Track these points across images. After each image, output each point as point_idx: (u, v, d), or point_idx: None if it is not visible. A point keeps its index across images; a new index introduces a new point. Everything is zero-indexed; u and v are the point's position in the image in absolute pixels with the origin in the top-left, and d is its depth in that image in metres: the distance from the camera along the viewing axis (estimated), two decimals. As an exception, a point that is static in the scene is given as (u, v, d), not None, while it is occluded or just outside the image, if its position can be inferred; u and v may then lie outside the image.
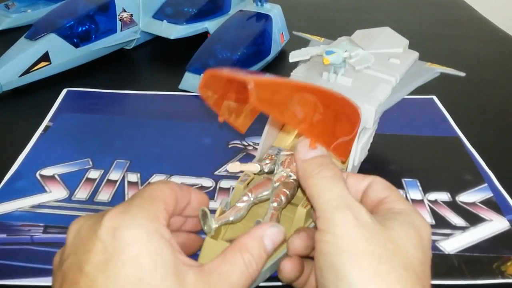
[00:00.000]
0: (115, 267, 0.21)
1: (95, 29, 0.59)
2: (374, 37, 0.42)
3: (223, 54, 0.56)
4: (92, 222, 0.23)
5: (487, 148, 0.47)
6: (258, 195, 0.31)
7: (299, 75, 0.38)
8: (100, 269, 0.21)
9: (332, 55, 0.34)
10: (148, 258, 0.21)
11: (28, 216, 0.37)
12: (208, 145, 0.47)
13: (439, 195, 0.41)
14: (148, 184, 0.26)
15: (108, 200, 0.39)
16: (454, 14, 0.85)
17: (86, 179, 0.41)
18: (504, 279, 0.33)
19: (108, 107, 0.53)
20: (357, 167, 0.37)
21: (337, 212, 0.24)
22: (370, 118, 0.35)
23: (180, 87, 0.56)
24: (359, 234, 0.24)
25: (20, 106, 0.53)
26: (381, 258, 0.23)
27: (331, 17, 0.81)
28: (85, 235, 0.23)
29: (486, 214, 0.39)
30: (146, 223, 0.22)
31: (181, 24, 0.63)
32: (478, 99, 0.57)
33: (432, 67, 0.42)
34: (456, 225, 0.38)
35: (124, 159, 0.44)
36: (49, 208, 0.38)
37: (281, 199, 0.30)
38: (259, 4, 0.62)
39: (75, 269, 0.22)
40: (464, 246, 0.36)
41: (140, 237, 0.22)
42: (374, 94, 0.35)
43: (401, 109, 0.52)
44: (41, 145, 0.46)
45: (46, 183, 0.41)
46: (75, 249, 0.23)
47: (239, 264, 0.24)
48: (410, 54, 0.41)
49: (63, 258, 0.24)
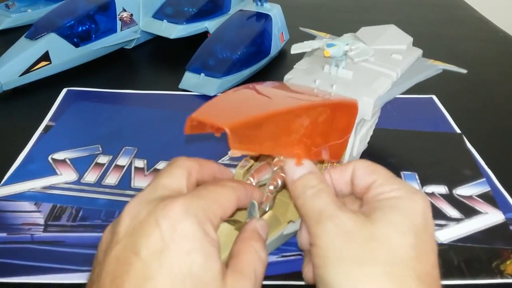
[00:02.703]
0: (170, 257, 0.22)
1: (95, 29, 0.60)
2: (379, 34, 0.42)
3: (223, 53, 0.56)
4: (152, 208, 0.24)
5: (487, 148, 0.47)
6: (261, 179, 0.32)
7: (301, 67, 0.39)
8: (155, 256, 0.22)
9: (333, 48, 0.35)
10: (200, 256, 0.23)
11: (39, 196, 0.39)
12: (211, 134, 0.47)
13: (437, 188, 0.42)
14: (215, 182, 0.27)
15: (115, 183, 0.41)
16: (454, 14, 0.85)
17: (95, 163, 0.43)
18: (503, 279, 0.33)
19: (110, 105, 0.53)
20: (357, 158, 0.38)
21: (319, 226, 0.25)
22: (368, 110, 0.35)
23: (180, 86, 0.56)
24: (340, 242, 0.24)
25: (20, 106, 0.53)
26: (364, 260, 0.23)
27: (331, 17, 0.81)
28: (145, 221, 0.23)
29: (482, 207, 0.40)
30: (204, 223, 0.24)
31: (181, 24, 0.63)
32: (477, 98, 0.57)
33: (434, 64, 0.43)
34: (451, 216, 0.39)
35: (132, 146, 0.46)
36: (59, 189, 0.40)
37: (277, 182, 0.30)
38: (259, 3, 0.62)
39: (131, 252, 0.23)
40: (458, 236, 0.37)
41: (197, 235, 0.23)
42: (373, 87, 0.36)
43: (400, 108, 0.53)
44: (54, 132, 0.48)
45: (57, 166, 0.43)
46: (132, 232, 0.23)
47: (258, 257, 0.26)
48: (413, 51, 0.42)
49: (116, 239, 0.24)
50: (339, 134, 0.32)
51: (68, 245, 0.35)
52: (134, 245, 0.23)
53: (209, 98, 0.54)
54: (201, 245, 0.23)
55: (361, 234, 0.24)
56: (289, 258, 0.34)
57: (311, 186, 0.27)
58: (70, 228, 0.36)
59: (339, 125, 0.32)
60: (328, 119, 0.30)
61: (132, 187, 0.41)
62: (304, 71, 0.38)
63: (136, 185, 0.41)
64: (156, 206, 0.24)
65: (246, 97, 0.29)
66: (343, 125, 0.33)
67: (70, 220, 0.37)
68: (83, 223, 0.37)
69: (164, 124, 0.50)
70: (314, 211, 0.26)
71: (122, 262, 0.23)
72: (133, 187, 0.41)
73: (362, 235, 0.24)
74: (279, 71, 0.62)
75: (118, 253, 0.23)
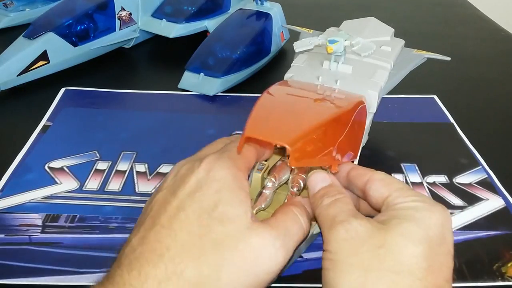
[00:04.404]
0: (202, 195, 0.26)
1: (93, 28, 0.59)
2: (362, 27, 0.43)
3: (222, 53, 0.56)
4: (191, 165, 0.28)
5: (488, 148, 0.47)
6: (282, 180, 0.33)
7: (299, 65, 0.39)
8: (189, 195, 0.26)
9: (335, 44, 0.35)
10: (228, 194, 0.26)
11: (41, 207, 0.38)
12: (212, 135, 0.47)
13: (437, 178, 0.43)
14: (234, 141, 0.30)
15: (118, 189, 0.40)
16: (456, 13, 0.85)
17: (95, 170, 0.42)
18: (504, 282, 0.33)
19: (107, 106, 0.52)
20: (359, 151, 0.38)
21: (331, 231, 0.26)
22: (373, 102, 0.36)
23: (180, 86, 0.56)
24: (350, 247, 0.24)
25: (18, 105, 0.53)
26: (369, 266, 0.23)
27: (331, 16, 0.81)
28: (184, 173, 0.28)
29: (482, 194, 0.41)
30: (233, 170, 0.27)
31: (180, 23, 0.63)
32: (479, 98, 0.57)
33: (419, 53, 0.44)
34: (455, 204, 0.40)
35: (130, 151, 0.45)
36: (61, 198, 0.39)
37: (300, 184, 0.32)
38: (259, 2, 0.62)
39: (170, 194, 0.27)
40: (464, 223, 0.38)
41: (226, 178, 0.26)
42: (375, 79, 0.37)
43: (401, 108, 0.53)
44: (47, 138, 0.46)
45: (56, 175, 0.42)
46: (173, 183, 0.28)
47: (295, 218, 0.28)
48: (397, 42, 0.43)
49: (159, 189, 0.28)
50: (356, 133, 0.34)
51: (66, 247, 0.35)
52: (173, 189, 0.27)
53: (209, 98, 0.54)
54: (230, 186, 0.26)
55: (371, 241, 0.24)
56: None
57: (329, 196, 0.28)
58: (68, 229, 0.36)
59: (358, 125, 0.33)
60: (352, 121, 0.32)
61: (137, 192, 0.40)
62: (303, 68, 0.38)
63: (140, 190, 0.40)
64: (194, 163, 0.28)
65: (284, 104, 0.31)
66: (360, 124, 0.34)
67: (68, 222, 0.37)
68: (81, 224, 0.36)
69: (162, 126, 0.49)
70: (328, 217, 0.27)
71: (162, 203, 0.26)
72: (138, 192, 0.40)
73: (373, 242, 0.24)
74: (279, 71, 0.61)
75: (160, 198, 0.27)
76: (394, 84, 0.39)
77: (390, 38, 0.43)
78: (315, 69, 0.38)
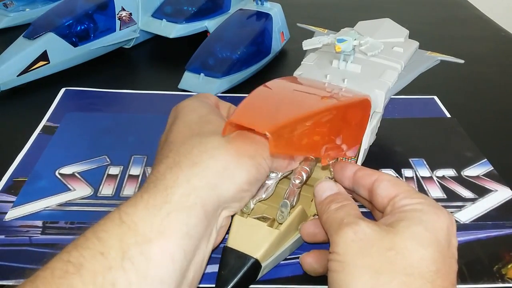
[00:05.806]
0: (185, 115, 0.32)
1: (93, 28, 0.59)
2: (376, 27, 0.43)
3: (222, 53, 0.56)
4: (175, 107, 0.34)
5: (488, 148, 0.47)
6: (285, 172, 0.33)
7: (309, 63, 0.39)
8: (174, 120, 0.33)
9: (344, 43, 0.36)
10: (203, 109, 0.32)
11: (56, 215, 0.37)
12: None
13: (446, 171, 0.44)
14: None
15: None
16: (456, 13, 0.85)
17: (107, 175, 0.42)
18: (504, 283, 0.33)
19: (107, 106, 0.52)
20: (367, 150, 0.38)
21: (339, 233, 0.26)
22: (380, 102, 0.36)
23: (180, 86, 0.56)
24: (359, 248, 0.24)
25: (18, 106, 0.53)
26: (380, 269, 0.23)
27: (332, 16, 0.81)
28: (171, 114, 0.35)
29: (491, 185, 0.42)
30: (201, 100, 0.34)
31: (180, 23, 0.63)
32: (479, 98, 0.57)
33: (432, 55, 0.44)
34: (466, 197, 0.41)
35: (140, 155, 0.45)
36: (76, 205, 0.39)
37: (302, 176, 0.32)
38: (259, 3, 0.62)
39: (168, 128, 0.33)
40: (476, 215, 0.39)
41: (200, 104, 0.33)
42: (383, 79, 0.37)
43: (402, 109, 0.53)
44: (54, 144, 0.46)
45: (68, 182, 0.41)
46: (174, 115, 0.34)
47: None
48: (411, 44, 0.43)
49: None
50: (356, 130, 0.34)
51: (66, 248, 0.35)
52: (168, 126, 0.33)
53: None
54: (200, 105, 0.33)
55: (380, 243, 0.24)
56: (289, 261, 0.34)
57: (336, 202, 0.29)
58: (68, 230, 0.36)
59: (356, 121, 0.33)
60: (347, 117, 0.32)
61: None
62: (313, 66, 0.39)
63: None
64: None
65: (277, 96, 0.31)
66: (359, 122, 0.34)
67: (68, 223, 0.37)
68: (81, 225, 0.36)
69: None
70: (336, 220, 0.27)
71: (164, 134, 0.32)
72: None
73: (382, 244, 0.24)
74: (279, 71, 0.61)
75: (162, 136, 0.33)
76: (404, 85, 0.39)
77: (404, 40, 0.43)
78: (324, 68, 0.38)
